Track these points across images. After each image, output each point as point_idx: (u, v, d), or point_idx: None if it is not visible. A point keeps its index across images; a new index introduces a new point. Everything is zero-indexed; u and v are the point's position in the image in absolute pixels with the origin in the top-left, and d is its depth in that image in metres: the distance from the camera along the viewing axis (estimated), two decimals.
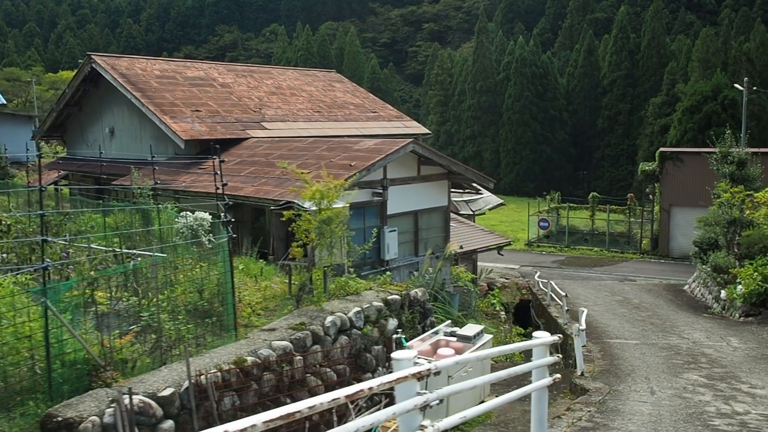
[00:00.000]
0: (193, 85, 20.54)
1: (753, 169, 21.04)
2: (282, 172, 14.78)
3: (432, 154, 15.68)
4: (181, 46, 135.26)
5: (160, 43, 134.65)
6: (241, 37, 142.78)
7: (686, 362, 12.48)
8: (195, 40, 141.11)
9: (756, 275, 17.09)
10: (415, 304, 10.22)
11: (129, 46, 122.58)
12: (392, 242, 15.45)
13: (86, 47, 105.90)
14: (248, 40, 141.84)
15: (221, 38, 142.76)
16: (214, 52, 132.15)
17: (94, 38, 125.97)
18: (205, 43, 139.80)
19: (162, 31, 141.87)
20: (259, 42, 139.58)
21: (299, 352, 7.83)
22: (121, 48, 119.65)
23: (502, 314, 22.54)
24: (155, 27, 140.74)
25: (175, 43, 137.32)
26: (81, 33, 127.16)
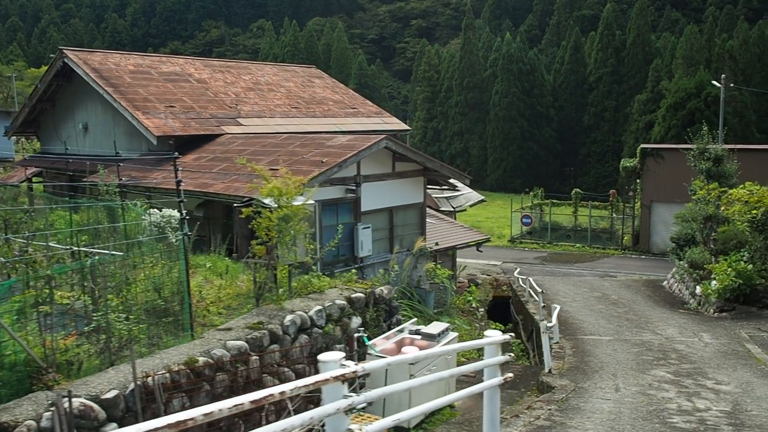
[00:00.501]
0: (168, 80, 20.32)
1: (729, 165, 21.08)
2: (253, 169, 14.61)
3: (406, 151, 15.58)
4: (167, 42, 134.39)
5: (146, 39, 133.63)
6: (228, 33, 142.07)
7: (656, 358, 12.46)
8: (181, 35, 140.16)
9: (730, 271, 17.11)
10: (380, 302, 10.11)
11: (114, 41, 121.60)
12: (366, 239, 15.34)
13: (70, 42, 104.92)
14: (235, 36, 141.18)
15: (208, 34, 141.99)
16: (200, 48, 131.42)
17: (79, 33, 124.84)
18: (191, 39, 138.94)
19: (148, 26, 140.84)
20: (246, 38, 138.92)
21: (256, 352, 7.71)
22: (106, 43, 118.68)
23: (481, 311, 22.52)
24: (141, 22, 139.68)
25: (161, 39, 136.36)
26: (65, 28, 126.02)
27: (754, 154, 29.05)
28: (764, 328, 15.31)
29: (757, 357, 12.74)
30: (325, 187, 14.49)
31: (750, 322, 16.01)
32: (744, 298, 17.23)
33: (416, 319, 10.40)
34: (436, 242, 17.87)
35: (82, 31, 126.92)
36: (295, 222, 8.67)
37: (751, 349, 13.47)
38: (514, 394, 10.49)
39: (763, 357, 12.74)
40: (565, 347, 13.68)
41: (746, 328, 15.45)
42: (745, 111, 59.78)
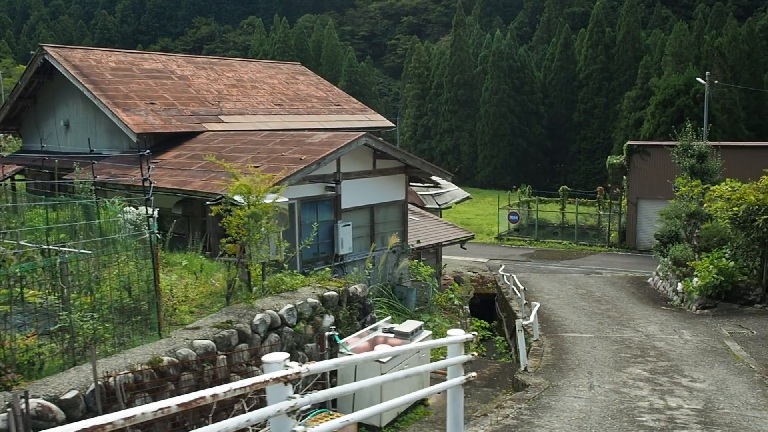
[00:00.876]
0: (150, 77, 20.16)
1: (713, 162, 21.13)
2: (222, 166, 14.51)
3: (386, 148, 15.51)
4: (157, 39, 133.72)
5: (136, 36, 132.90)
6: (219, 30, 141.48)
7: (634, 356, 12.46)
8: (171, 32, 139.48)
9: (711, 268, 17.15)
10: (354, 300, 10.05)
11: (104, 38, 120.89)
12: (346, 237, 15.27)
13: (60, 39, 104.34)
14: (226, 33, 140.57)
15: (198, 30, 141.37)
16: (190, 45, 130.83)
17: (68, 30, 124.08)
18: (181, 36, 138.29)
19: (138, 23, 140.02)
20: (237, 34, 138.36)
21: (224, 351, 7.64)
22: (96, 40, 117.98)
23: (466, 308, 22.48)
24: (130, 19, 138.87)
25: (151, 36, 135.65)
26: (54, 24, 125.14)
27: (739, 151, 29.14)
28: (745, 325, 15.34)
29: (736, 354, 12.76)
30: (304, 184, 14.42)
31: (731, 319, 16.04)
32: (726, 295, 17.27)
33: (390, 317, 10.34)
34: (418, 240, 17.82)
35: (71, 28, 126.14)
36: (265, 220, 8.59)
37: (730, 346, 13.49)
38: (490, 392, 10.46)
39: (742, 354, 12.76)
40: (544, 345, 13.66)
41: (727, 325, 15.48)
42: (734, 108, 59.99)
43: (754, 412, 8.32)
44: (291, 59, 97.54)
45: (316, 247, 14.99)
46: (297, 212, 14.34)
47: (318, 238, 14.99)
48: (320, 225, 15.10)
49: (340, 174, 15.11)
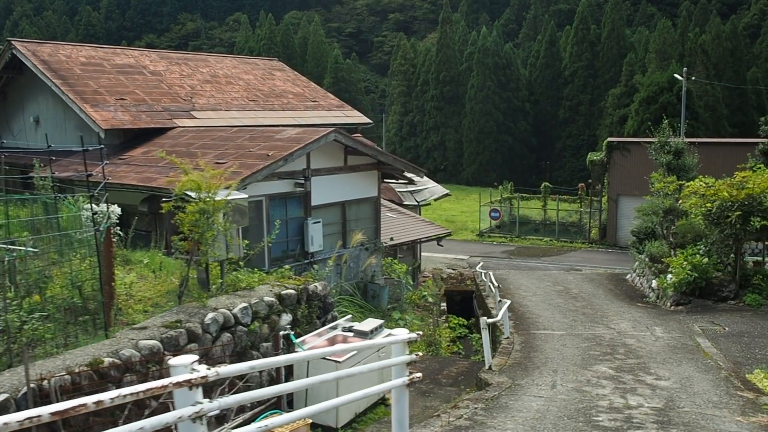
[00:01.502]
0: (121, 72, 19.86)
1: (689, 158, 21.08)
2: (198, 163, 14.28)
3: (357, 144, 15.31)
4: (142, 35, 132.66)
5: (121, 32, 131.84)
6: (205, 26, 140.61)
7: (603, 353, 12.34)
8: (157, 28, 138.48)
9: (686, 264, 17.09)
10: (314, 298, 9.85)
11: (88, 35, 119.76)
12: (316, 234, 15.07)
13: (43, 35, 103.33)
14: (211, 29, 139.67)
15: (183, 27, 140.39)
16: (176, 41, 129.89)
17: (52, 26, 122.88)
18: (167, 32, 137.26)
19: (122, 19, 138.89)
20: (223, 31, 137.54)
21: (171, 352, 7.43)
22: (80, 36, 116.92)
23: (443, 305, 22.34)
24: (115, 15, 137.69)
25: (136, 32, 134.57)
26: (38, 20, 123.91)
27: (716, 148, 29.17)
28: (717, 322, 15.28)
29: (705, 351, 12.68)
30: (272, 180, 14.21)
31: (704, 316, 15.98)
32: (700, 291, 17.22)
33: (351, 316, 10.16)
34: (391, 237, 17.65)
35: (55, 24, 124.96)
36: (217, 217, 8.38)
37: (701, 342, 13.41)
38: (453, 392, 10.30)
39: (711, 351, 12.69)
40: (514, 342, 13.52)
41: (700, 322, 15.41)
42: (717, 105, 60.25)
43: (715, 411, 8.21)
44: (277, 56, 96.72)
45: (285, 245, 14.81)
46: (265, 209, 14.13)
47: (287, 235, 14.81)
48: (290, 222, 14.91)
49: (310, 170, 14.91)
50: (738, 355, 12.46)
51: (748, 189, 16.24)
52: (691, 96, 54.60)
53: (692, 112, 54.18)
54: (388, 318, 15.24)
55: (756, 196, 16.03)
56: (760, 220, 15.72)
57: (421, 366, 12.34)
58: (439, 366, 12.36)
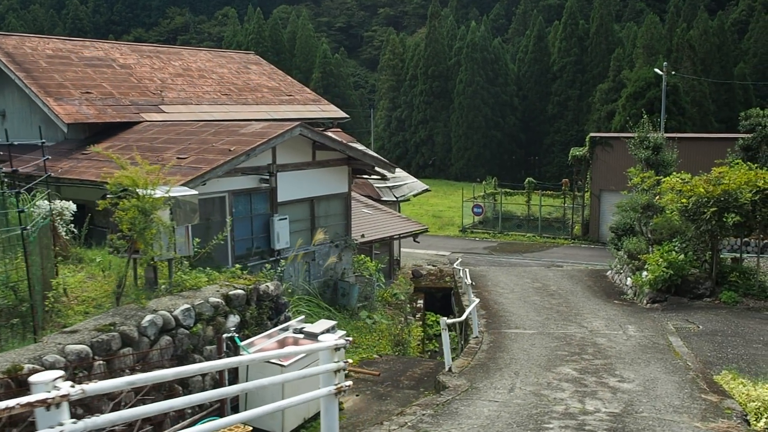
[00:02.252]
0: (89, 65, 19.39)
1: (668, 154, 20.81)
2: (162, 157, 13.91)
3: (324, 138, 14.93)
4: (130, 29, 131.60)
5: (109, 26, 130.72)
6: (193, 20, 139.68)
7: (571, 353, 12.05)
8: (145, 22, 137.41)
9: (661, 261, 16.83)
10: (264, 298, 9.48)
11: (75, 28, 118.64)
12: (283, 231, 14.70)
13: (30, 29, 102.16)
14: (200, 23, 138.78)
15: (172, 21, 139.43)
16: (164, 35, 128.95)
17: (39, 20, 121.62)
18: (155, 26, 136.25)
19: (110, 12, 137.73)
20: (212, 25, 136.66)
21: (102, 357, 7.06)
22: (67, 30, 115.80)
23: (419, 303, 22.02)
24: (103, 8, 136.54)
25: (124, 26, 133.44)
26: (25, 14, 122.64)
27: (696, 143, 28.94)
28: (692, 320, 15.03)
29: (676, 350, 12.42)
30: (236, 176, 13.83)
31: (679, 314, 15.73)
32: (676, 288, 16.98)
33: (304, 317, 9.80)
34: (362, 234, 17.30)
35: (42, 18, 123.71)
36: (157, 214, 8.00)
37: (673, 342, 13.15)
38: (412, 395, 9.98)
39: (682, 350, 12.42)
40: (483, 342, 13.21)
41: (674, 320, 15.16)
42: (704, 100, 60.11)
43: (674, 416, 7.92)
44: (265, 50, 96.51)
45: (251, 242, 14.44)
46: (228, 205, 13.76)
47: (253, 232, 14.45)
48: (255, 218, 14.55)
49: (276, 166, 14.53)
50: (709, 354, 12.21)
51: (724, 185, 15.98)
52: (678, 92, 54.44)
53: (679, 108, 54.00)
54: (356, 317, 14.90)
55: (732, 192, 15.77)
56: (734, 216, 15.47)
57: (384, 367, 12.03)
58: (403, 367, 12.04)
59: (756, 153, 22.93)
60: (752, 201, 15.53)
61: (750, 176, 16.19)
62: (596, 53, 76.17)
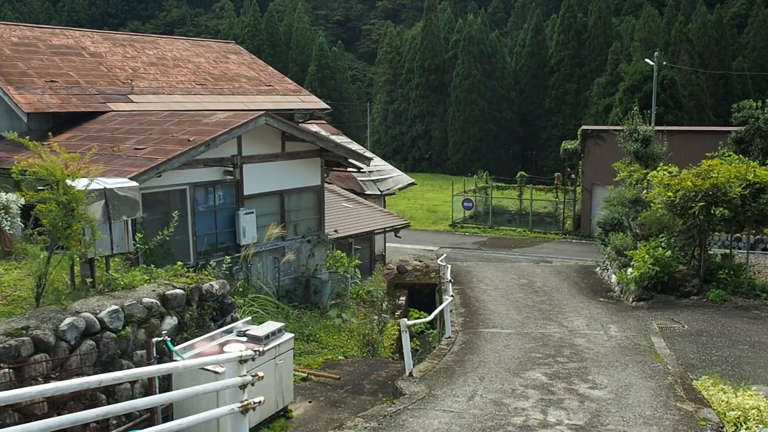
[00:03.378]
0: (57, 53, 18.70)
1: (658, 147, 20.12)
2: (119, 148, 13.24)
3: (293, 129, 14.24)
4: (127, 22, 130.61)
5: (105, 18, 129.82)
6: (190, 13, 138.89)
7: (546, 356, 11.39)
8: (142, 15, 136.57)
9: (647, 258, 16.16)
10: (208, 298, 8.82)
11: (71, 21, 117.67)
12: (249, 225, 14.03)
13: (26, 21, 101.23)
14: (197, 16, 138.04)
15: (169, 13, 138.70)
16: (161, 28, 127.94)
17: (35, 12, 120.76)
18: (152, 19, 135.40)
19: (107, 5, 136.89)
20: (209, 18, 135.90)
21: (10, 364, 6.41)
22: (63, 22, 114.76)
23: (401, 299, 21.38)
24: (100, 1, 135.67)
25: (120, 18, 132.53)
26: (20, 6, 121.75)
27: (688, 136, 28.23)
28: (678, 319, 14.38)
29: (657, 352, 11.77)
30: (197, 168, 13.18)
31: (665, 312, 15.07)
32: (662, 286, 16.31)
33: (250, 318, 9.14)
34: (335, 229, 16.64)
35: (38, 10, 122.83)
36: (81, 208, 7.34)
37: (655, 343, 12.50)
38: (368, 402, 9.32)
39: (664, 352, 11.77)
40: (454, 343, 12.55)
41: (659, 319, 14.51)
42: (702, 94, 59.35)
43: (642, 428, 7.27)
44: (261, 44, 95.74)
45: (214, 237, 13.78)
46: (189, 199, 13.10)
47: (217, 226, 13.80)
48: (220, 212, 13.89)
49: (241, 157, 13.86)
50: (692, 356, 11.56)
51: (713, 178, 15.29)
52: (675, 85, 53.72)
53: (676, 102, 53.31)
54: (327, 316, 14.26)
55: (720, 186, 15.08)
56: (722, 210, 14.79)
57: (348, 369, 11.39)
58: (369, 369, 11.39)
59: (749, 146, 22.27)
60: (741, 195, 14.83)
61: (740, 170, 15.50)
62: (594, 47, 75.35)
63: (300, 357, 12.01)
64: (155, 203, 12.52)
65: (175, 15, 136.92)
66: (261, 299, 11.12)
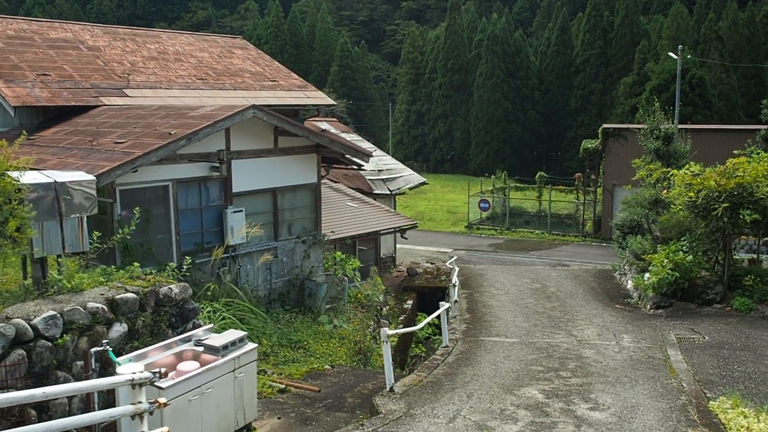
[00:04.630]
0: (53, 47, 18.16)
1: (680, 145, 18.96)
2: (98, 142, 12.56)
3: (284, 123, 13.41)
4: (153, 23, 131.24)
5: (132, 20, 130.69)
6: (216, 14, 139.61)
7: (548, 369, 10.43)
8: (168, 16, 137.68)
9: (667, 262, 15.06)
10: (165, 303, 8.02)
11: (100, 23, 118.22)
12: (237, 224, 13.26)
13: None
14: (222, 17, 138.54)
15: (195, 15, 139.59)
16: (187, 30, 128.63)
17: (64, 13, 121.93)
18: (178, 20, 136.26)
19: (134, 7, 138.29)
20: (234, 19, 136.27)
21: None
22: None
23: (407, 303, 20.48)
24: (127, 3, 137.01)
25: (147, 20, 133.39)
26: (50, 9, 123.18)
27: (714, 135, 26.85)
28: (698, 329, 13.30)
29: (672, 366, 10.74)
30: (181, 163, 12.44)
31: (684, 321, 13.99)
32: (682, 293, 15.19)
33: (213, 325, 8.31)
34: (332, 230, 15.80)
35: (67, 12, 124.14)
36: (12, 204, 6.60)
37: (671, 355, 11.47)
38: (342, 419, 8.45)
39: (680, 366, 10.75)
40: (451, 353, 11.64)
41: (678, 329, 13.44)
42: (732, 94, 57.50)
43: None
44: (283, 44, 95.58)
45: (200, 236, 13.03)
46: (173, 196, 12.35)
47: (203, 225, 13.04)
48: (207, 211, 13.14)
49: (228, 152, 13.09)
50: (712, 372, 10.51)
51: (739, 177, 14.14)
52: (704, 84, 52.14)
53: (705, 101, 51.76)
54: (317, 322, 13.41)
55: (747, 186, 13.92)
56: (751, 213, 13.61)
57: (333, 381, 10.54)
58: (355, 381, 10.52)
59: None
60: None
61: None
62: (621, 45, 73.68)
63: (283, 366, 11.20)
64: (135, 201, 11.81)
65: (201, 16, 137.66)
66: (236, 304, 10.27)
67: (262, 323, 11.33)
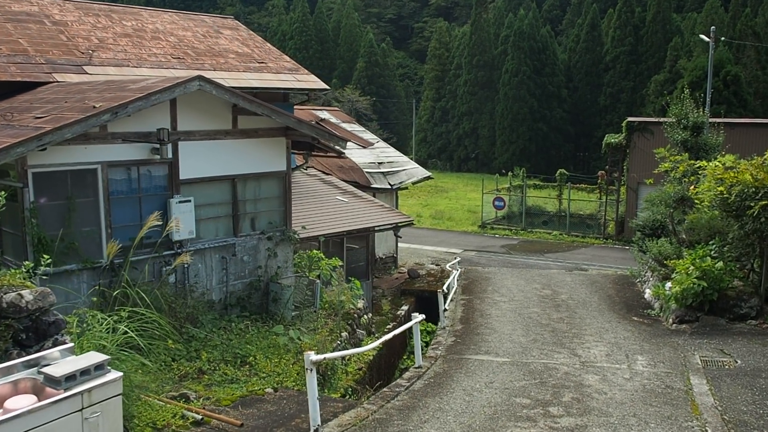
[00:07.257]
0: (12, 20, 16.53)
1: (711, 137, 16.65)
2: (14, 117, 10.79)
3: (238, 98, 11.48)
4: None
5: None
6: (243, 11, 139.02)
7: (535, 403, 8.37)
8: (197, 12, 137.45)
9: (692, 270, 12.83)
10: (11, 314, 6.12)
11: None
12: (186, 217, 11.39)
13: None
14: (250, 14, 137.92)
15: (223, 11, 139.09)
16: None
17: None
18: None
19: (162, 3, 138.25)
20: (261, 16, 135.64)
21: None
22: None
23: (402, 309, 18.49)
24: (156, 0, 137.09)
25: None
26: None
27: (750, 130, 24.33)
28: (729, 350, 11.12)
29: (695, 401, 8.62)
30: (113, 143, 10.61)
31: (712, 340, 11.80)
32: (710, 305, 12.94)
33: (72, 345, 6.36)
34: (303, 225, 13.82)
35: None
36: None
37: (694, 385, 9.33)
38: None
39: (704, 401, 8.61)
40: (422, 376, 9.63)
41: (704, 349, 11.27)
42: None
43: None
44: (309, 39, 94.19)
45: (138, 230, 11.12)
46: (102, 181, 10.52)
47: (141, 217, 11.14)
48: (147, 200, 11.27)
49: (175, 132, 11.22)
50: (745, 409, 8.37)
51: None
52: (739, 82, 49.49)
53: (740, 99, 49.05)
54: (270, 332, 11.45)
55: None
56: None
57: (269, 409, 8.57)
58: (296, 410, 8.51)
59: None
60: None
61: None
62: (652, 43, 70.69)
63: (217, 387, 9.27)
64: (54, 186, 10.00)
65: (229, 13, 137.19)
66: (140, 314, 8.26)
67: (175, 341, 9.35)
